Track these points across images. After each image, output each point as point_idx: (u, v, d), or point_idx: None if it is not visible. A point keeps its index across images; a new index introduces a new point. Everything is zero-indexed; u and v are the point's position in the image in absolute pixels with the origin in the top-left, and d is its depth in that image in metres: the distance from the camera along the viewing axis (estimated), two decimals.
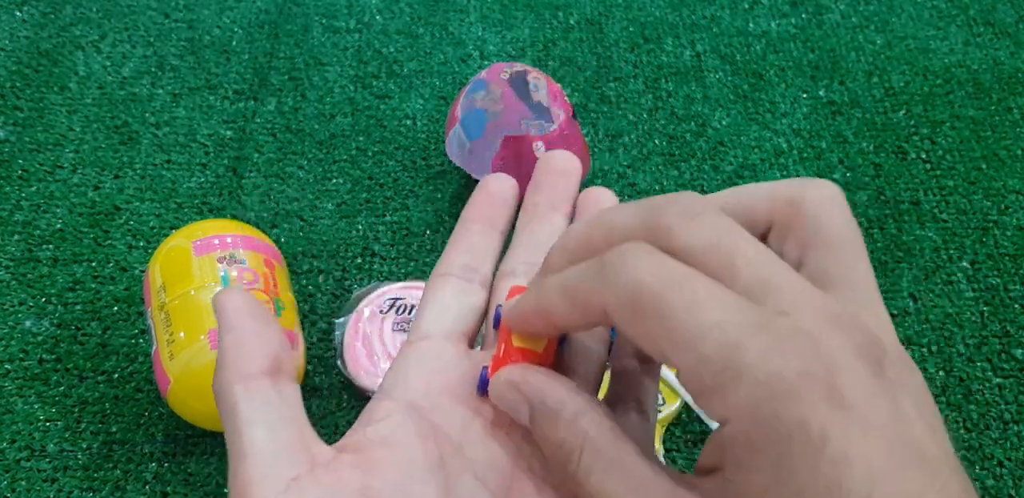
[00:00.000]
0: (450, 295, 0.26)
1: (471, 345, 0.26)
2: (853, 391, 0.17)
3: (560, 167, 0.29)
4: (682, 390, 0.58)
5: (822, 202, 0.21)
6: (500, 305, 0.25)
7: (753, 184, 0.22)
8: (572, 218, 0.30)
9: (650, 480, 0.19)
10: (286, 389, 0.23)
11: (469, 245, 0.28)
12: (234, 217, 0.66)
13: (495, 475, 0.23)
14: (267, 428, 0.21)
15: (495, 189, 0.29)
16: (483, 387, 0.23)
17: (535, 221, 0.29)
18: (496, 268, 0.28)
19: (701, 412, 0.58)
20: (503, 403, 0.23)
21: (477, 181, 0.68)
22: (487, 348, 0.26)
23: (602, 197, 0.29)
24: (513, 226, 0.29)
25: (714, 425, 0.53)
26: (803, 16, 0.82)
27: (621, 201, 0.26)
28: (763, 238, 0.22)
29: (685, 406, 0.56)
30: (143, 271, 0.62)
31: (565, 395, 0.21)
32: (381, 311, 0.59)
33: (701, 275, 0.18)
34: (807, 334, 0.17)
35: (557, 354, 0.24)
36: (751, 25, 0.81)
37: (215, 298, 0.24)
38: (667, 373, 0.58)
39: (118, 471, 0.53)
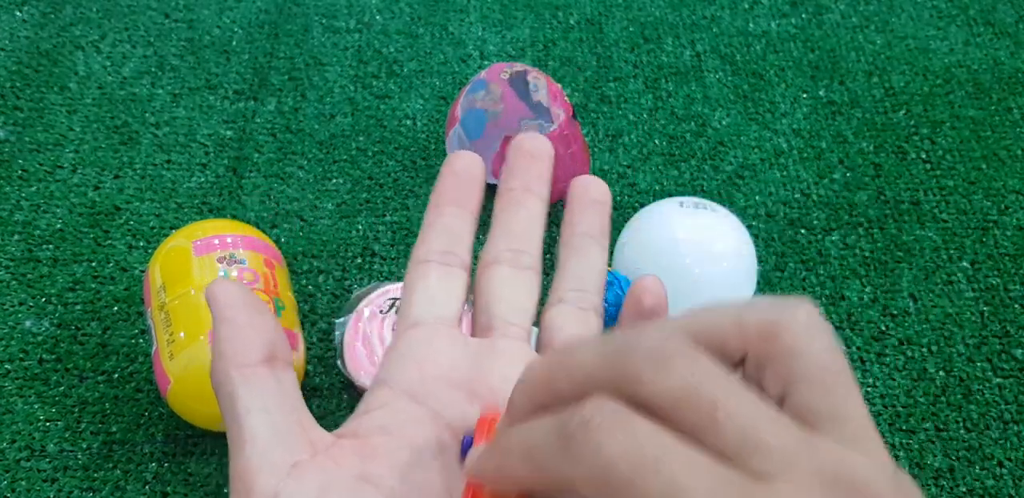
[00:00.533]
0: (434, 281, 0.26)
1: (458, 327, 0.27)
2: None
3: (530, 149, 0.29)
4: None
5: (800, 331, 0.19)
6: (467, 437, 0.23)
7: (719, 307, 0.20)
8: (549, 201, 0.29)
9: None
10: (283, 376, 0.23)
11: (443, 229, 0.28)
12: (234, 217, 0.66)
13: None
14: (266, 415, 0.22)
15: (460, 168, 0.29)
16: (465, 452, 0.22)
17: (511, 206, 0.29)
18: (473, 252, 0.28)
19: None
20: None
21: None
22: (477, 335, 0.26)
23: (591, 185, 0.29)
24: (485, 206, 0.29)
25: None
26: (803, 16, 0.82)
27: (621, 200, 0.26)
28: (737, 365, 0.20)
29: None
30: (143, 271, 0.62)
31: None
32: (381, 311, 0.58)
33: (678, 447, 0.17)
34: None
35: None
36: (751, 25, 0.81)
37: (208, 289, 0.24)
38: None
39: (118, 471, 0.53)
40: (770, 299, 0.19)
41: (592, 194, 0.29)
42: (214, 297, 0.24)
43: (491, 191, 0.27)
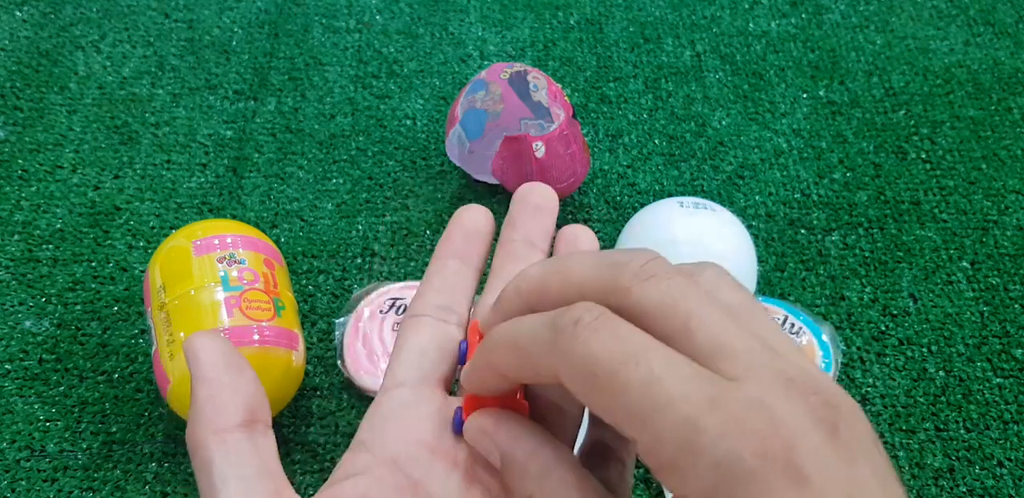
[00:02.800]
0: (426, 338, 0.26)
1: (449, 390, 0.25)
2: (811, 464, 0.17)
3: (537, 202, 0.29)
4: None
5: (634, 284, 0.20)
6: (463, 341, 0.24)
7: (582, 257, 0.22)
8: (551, 255, 0.29)
9: None
10: (261, 440, 0.22)
11: (444, 283, 0.27)
12: (234, 217, 0.66)
13: None
14: (243, 483, 0.21)
15: (469, 223, 0.28)
16: (458, 427, 0.23)
17: (512, 260, 0.28)
18: (472, 306, 0.27)
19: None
20: (477, 447, 0.23)
21: (477, 181, 0.68)
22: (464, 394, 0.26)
23: (580, 235, 0.29)
24: (489, 261, 0.29)
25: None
26: (803, 16, 0.82)
27: (621, 200, 0.26)
28: None
29: None
30: (143, 271, 0.62)
31: (535, 448, 0.21)
32: (381, 311, 0.59)
33: (657, 345, 0.18)
34: (762, 405, 0.17)
35: (531, 394, 0.24)
36: (751, 25, 0.81)
37: (187, 343, 0.23)
38: None
39: (118, 471, 0.53)
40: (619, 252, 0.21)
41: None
42: (195, 354, 0.23)
43: (489, 190, 0.27)
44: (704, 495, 0.17)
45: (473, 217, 0.28)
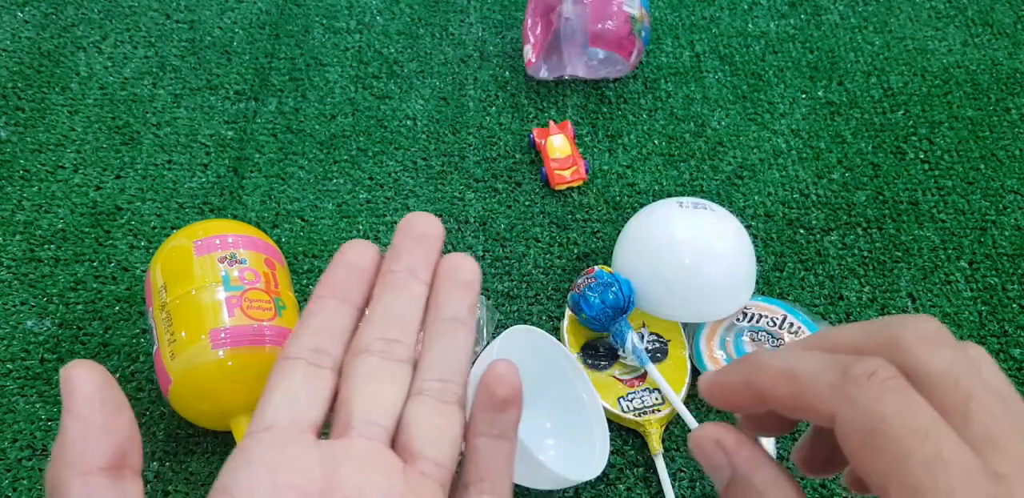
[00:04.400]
0: (298, 381, 0.25)
1: (318, 435, 0.24)
2: None
3: (421, 231, 0.28)
4: (674, 399, 0.58)
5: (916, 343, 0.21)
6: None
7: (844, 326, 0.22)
8: (431, 285, 0.28)
9: None
10: (128, 486, 0.21)
11: (321, 324, 0.26)
12: (235, 217, 0.66)
13: None
14: None
15: (354, 259, 0.27)
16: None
17: (392, 291, 0.27)
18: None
19: None
20: (705, 458, 0.23)
21: (477, 181, 0.68)
22: (336, 437, 0.24)
23: (462, 265, 0.28)
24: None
25: None
26: (802, 17, 0.82)
27: (621, 200, 0.26)
28: None
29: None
30: (144, 271, 0.63)
31: (770, 480, 0.22)
32: None
33: (946, 427, 0.19)
34: None
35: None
36: (750, 26, 0.81)
37: (64, 371, 0.22)
38: (659, 379, 0.58)
39: None
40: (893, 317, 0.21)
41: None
42: (70, 385, 0.21)
43: (489, 190, 0.27)
44: None
45: (358, 253, 0.27)
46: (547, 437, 0.55)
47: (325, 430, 0.25)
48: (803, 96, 0.76)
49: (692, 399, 0.59)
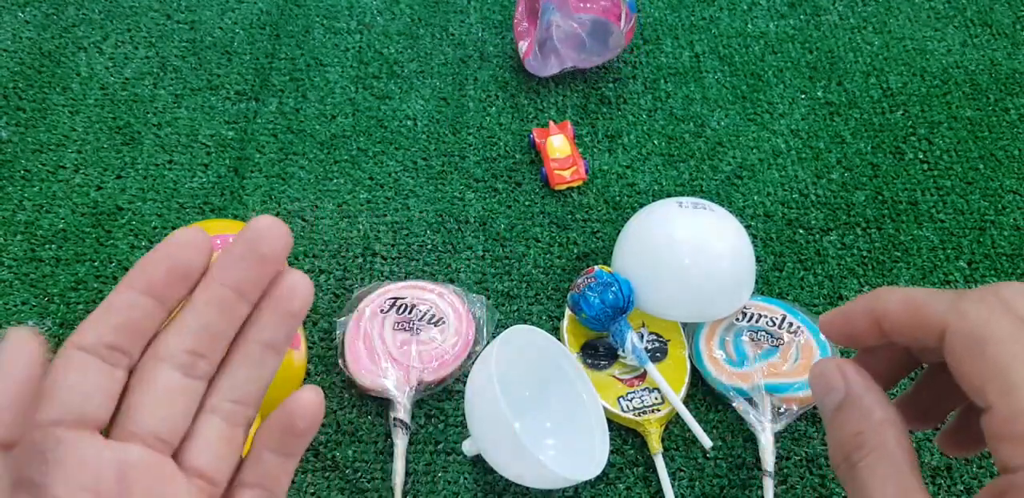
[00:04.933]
0: (92, 377, 0.23)
1: (102, 433, 0.24)
2: None
3: (264, 251, 0.26)
4: (673, 398, 0.58)
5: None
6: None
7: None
8: (254, 303, 0.26)
9: (918, 496, 0.23)
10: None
11: (126, 321, 0.24)
12: (236, 217, 0.66)
13: None
14: None
15: (183, 258, 0.25)
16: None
17: (215, 307, 0.25)
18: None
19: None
20: (822, 382, 0.26)
21: (477, 181, 0.68)
22: (116, 438, 0.24)
23: (296, 293, 0.26)
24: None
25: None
26: (801, 17, 0.82)
27: (620, 200, 0.26)
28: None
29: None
30: None
31: (878, 401, 0.25)
32: (382, 310, 0.59)
33: None
34: None
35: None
36: (750, 26, 0.81)
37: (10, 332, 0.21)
38: (659, 379, 0.58)
39: None
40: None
41: (292, 306, 0.26)
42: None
43: (489, 190, 0.27)
44: None
45: (189, 253, 0.25)
46: (547, 437, 0.56)
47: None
48: (802, 96, 0.76)
49: (691, 399, 0.59)
